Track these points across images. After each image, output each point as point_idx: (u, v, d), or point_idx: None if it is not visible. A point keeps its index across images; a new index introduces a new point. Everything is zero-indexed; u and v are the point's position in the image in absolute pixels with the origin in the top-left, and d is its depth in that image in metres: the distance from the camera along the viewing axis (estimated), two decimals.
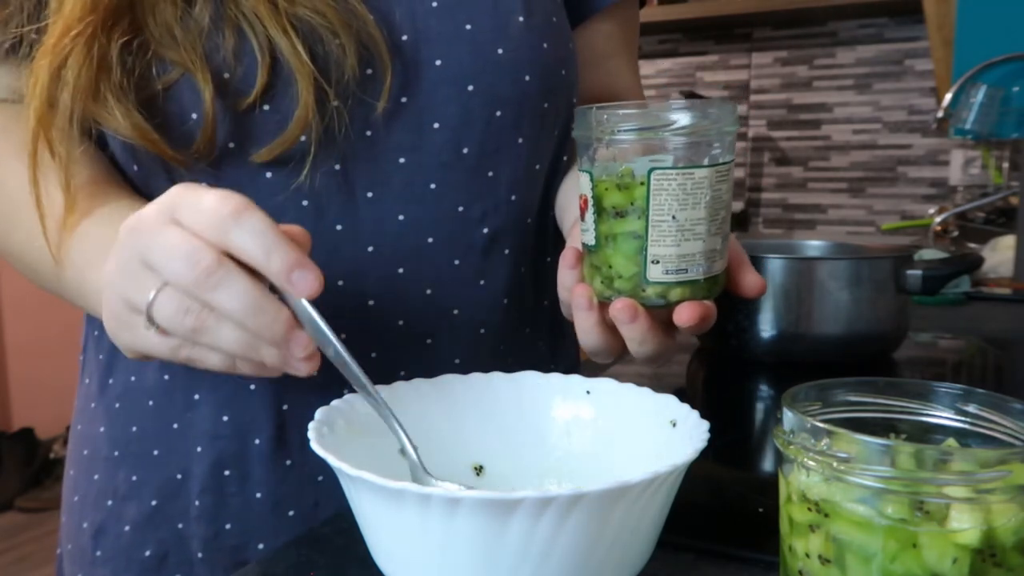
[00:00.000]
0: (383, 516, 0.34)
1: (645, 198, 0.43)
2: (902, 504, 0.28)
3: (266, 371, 0.42)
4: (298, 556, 0.42)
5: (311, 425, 0.38)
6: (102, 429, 0.58)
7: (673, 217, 0.43)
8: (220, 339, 0.40)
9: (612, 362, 0.80)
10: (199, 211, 0.39)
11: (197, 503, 0.55)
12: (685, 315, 0.44)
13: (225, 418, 0.55)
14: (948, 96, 1.43)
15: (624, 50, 0.71)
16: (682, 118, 0.43)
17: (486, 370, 0.47)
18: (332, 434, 0.39)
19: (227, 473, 0.55)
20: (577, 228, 0.49)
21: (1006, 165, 1.86)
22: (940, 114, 1.43)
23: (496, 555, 0.32)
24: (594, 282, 0.47)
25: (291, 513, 0.55)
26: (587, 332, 0.47)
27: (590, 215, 0.45)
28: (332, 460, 0.34)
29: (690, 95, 2.09)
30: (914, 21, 2.00)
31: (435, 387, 0.46)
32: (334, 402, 0.41)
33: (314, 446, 0.35)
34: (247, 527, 0.55)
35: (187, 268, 0.38)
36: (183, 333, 0.40)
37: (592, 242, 0.46)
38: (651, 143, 0.43)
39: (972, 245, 1.47)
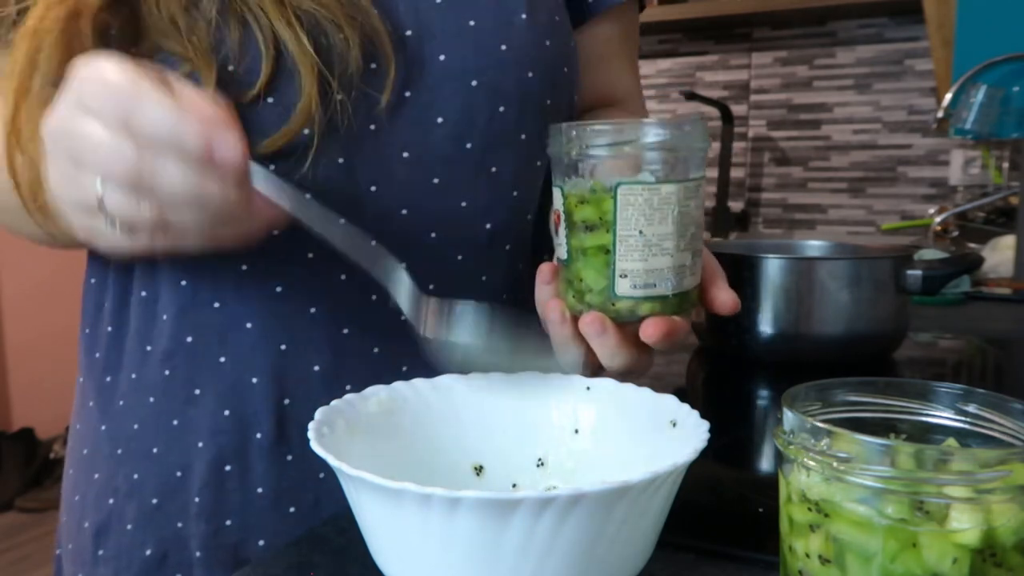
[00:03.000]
0: (383, 516, 0.34)
1: (612, 212, 0.44)
2: (902, 504, 0.28)
3: (237, 228, 0.43)
4: (298, 556, 0.42)
5: (311, 425, 0.38)
6: (103, 427, 0.58)
7: (640, 232, 0.44)
8: (183, 222, 0.40)
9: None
10: (103, 96, 0.38)
11: (197, 499, 0.55)
12: (651, 331, 0.44)
13: (226, 412, 0.55)
14: (948, 96, 1.43)
15: (624, 52, 0.71)
16: (651, 135, 0.44)
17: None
18: (332, 434, 0.39)
19: (228, 468, 0.55)
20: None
21: (1006, 165, 1.86)
22: (940, 114, 1.43)
23: (496, 555, 0.32)
24: (567, 296, 0.47)
25: (292, 509, 0.55)
26: (561, 345, 0.48)
27: (562, 229, 0.46)
28: (332, 460, 0.34)
29: (690, 96, 2.09)
30: (914, 21, 2.00)
31: (435, 387, 0.46)
32: (334, 402, 0.41)
33: (314, 446, 0.35)
34: (247, 523, 0.55)
35: (117, 165, 0.38)
36: (147, 224, 0.40)
37: (564, 256, 0.47)
38: (621, 159, 0.44)
39: (972, 245, 1.47)
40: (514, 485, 0.45)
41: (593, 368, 0.48)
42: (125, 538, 0.57)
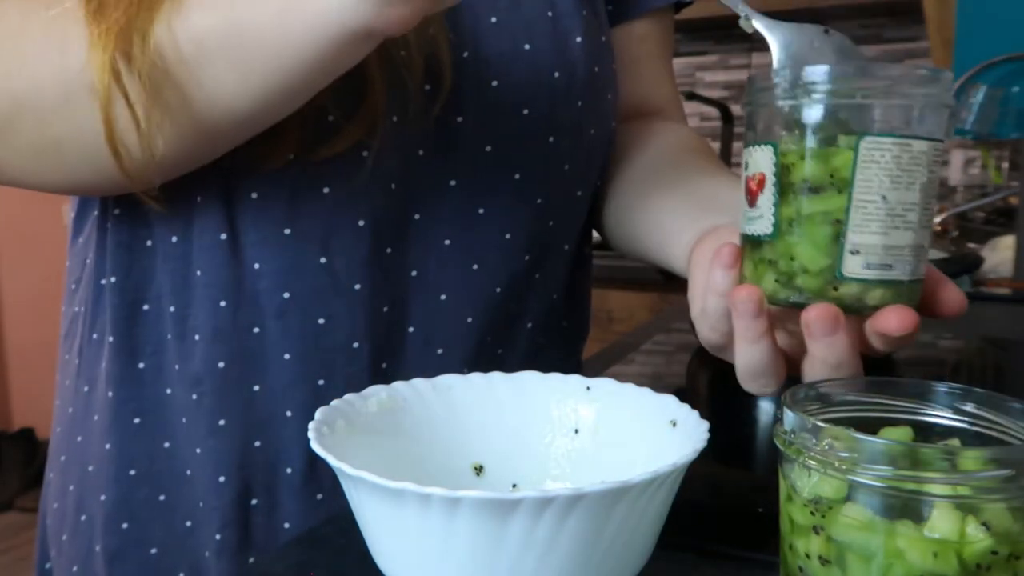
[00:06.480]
0: (383, 516, 0.34)
1: (851, 170, 0.35)
2: (902, 504, 0.28)
3: None
4: (298, 556, 0.42)
5: (311, 425, 0.38)
6: (107, 446, 0.54)
7: (883, 197, 0.35)
8: None
9: (612, 362, 0.80)
10: None
11: (218, 537, 0.52)
12: (895, 322, 0.34)
13: (257, 443, 0.52)
14: None
15: (662, 57, 0.68)
16: (905, 81, 0.35)
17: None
18: (332, 434, 0.39)
19: (255, 503, 0.52)
20: (707, 245, 0.44)
21: (1006, 165, 1.86)
22: None
23: (496, 555, 0.32)
24: (764, 281, 0.38)
25: None
26: (750, 346, 0.38)
27: (768, 197, 0.38)
28: (332, 460, 0.34)
29: (691, 96, 2.09)
30: (914, 21, 2.00)
31: (435, 387, 0.46)
32: (334, 402, 0.41)
33: (314, 446, 0.35)
34: None
35: None
36: None
37: (768, 230, 0.38)
38: (858, 107, 0.36)
39: (972, 245, 1.47)
40: (514, 485, 0.45)
41: (782, 379, 0.40)
42: (150, 563, 0.53)
